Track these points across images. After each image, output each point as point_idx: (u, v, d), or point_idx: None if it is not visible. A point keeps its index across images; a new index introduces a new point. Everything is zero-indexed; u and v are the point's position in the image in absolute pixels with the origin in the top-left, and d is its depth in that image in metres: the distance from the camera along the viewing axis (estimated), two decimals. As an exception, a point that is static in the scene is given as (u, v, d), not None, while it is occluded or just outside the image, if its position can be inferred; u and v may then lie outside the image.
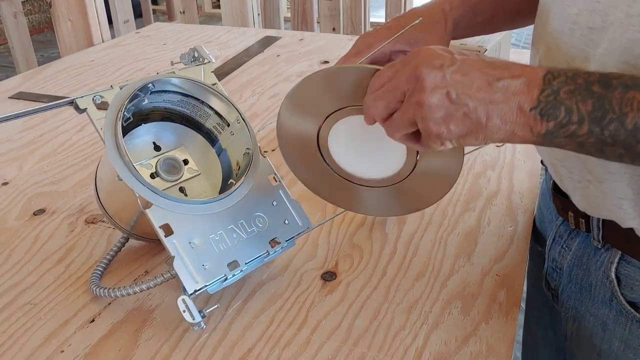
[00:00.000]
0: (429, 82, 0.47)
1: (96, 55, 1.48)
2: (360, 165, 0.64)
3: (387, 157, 0.61)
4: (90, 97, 0.61)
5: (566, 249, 0.67)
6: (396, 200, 0.66)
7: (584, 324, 0.65)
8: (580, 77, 0.45)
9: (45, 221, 0.78)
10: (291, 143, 0.66)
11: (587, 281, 0.64)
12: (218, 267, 0.60)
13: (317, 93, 0.60)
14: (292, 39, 1.59)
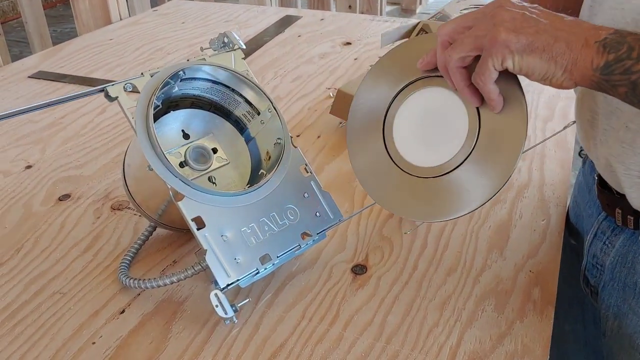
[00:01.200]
0: (507, 5, 0.51)
1: (114, 33, 1.46)
2: (417, 150, 0.61)
3: (446, 140, 0.59)
4: (121, 85, 0.60)
5: (609, 246, 0.66)
6: (442, 198, 0.60)
7: (626, 322, 0.64)
8: None
9: (71, 207, 0.78)
10: (360, 118, 0.65)
11: (631, 279, 0.62)
12: (250, 261, 0.59)
13: (402, 63, 0.62)
14: (313, 18, 1.56)
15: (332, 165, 0.87)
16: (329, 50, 1.32)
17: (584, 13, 0.61)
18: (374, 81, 0.64)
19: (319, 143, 0.93)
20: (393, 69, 0.63)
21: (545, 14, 0.50)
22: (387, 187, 0.62)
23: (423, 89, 0.60)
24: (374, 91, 0.64)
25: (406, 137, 0.61)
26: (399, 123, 0.62)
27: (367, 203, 0.78)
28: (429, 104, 0.60)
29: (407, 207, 0.61)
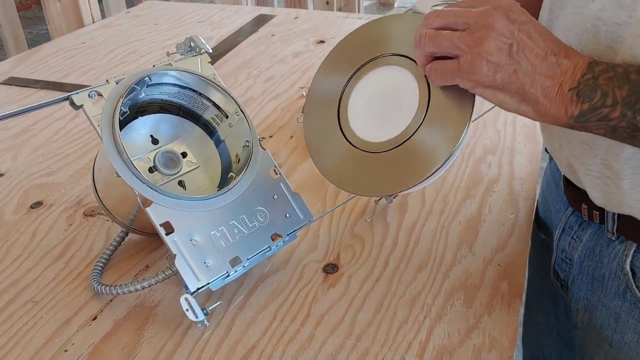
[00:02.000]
0: (499, 27, 0.49)
1: (87, 36, 1.45)
2: (372, 127, 0.62)
3: (399, 113, 0.60)
4: (86, 92, 0.60)
5: (577, 240, 0.67)
6: (404, 166, 0.60)
7: (596, 314, 0.65)
8: (620, 67, 0.47)
9: (43, 214, 0.78)
10: (316, 104, 0.66)
11: (599, 273, 0.64)
12: (220, 264, 0.59)
13: (356, 47, 0.64)
14: (287, 17, 1.56)
15: (304, 165, 0.88)
16: (303, 49, 1.32)
17: (544, 16, 0.62)
18: (330, 66, 0.66)
19: (291, 143, 0.94)
20: (348, 53, 0.65)
21: (535, 38, 0.49)
22: (347, 169, 0.63)
23: (375, 69, 0.62)
24: (329, 76, 0.66)
25: (361, 116, 0.63)
26: (354, 103, 0.63)
27: (338, 202, 0.79)
28: (380, 82, 0.62)
29: (368, 185, 0.61)
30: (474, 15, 0.50)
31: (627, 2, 0.49)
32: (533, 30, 0.49)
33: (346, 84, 0.64)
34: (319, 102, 0.66)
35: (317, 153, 0.65)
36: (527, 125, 0.97)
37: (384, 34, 0.63)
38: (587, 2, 0.53)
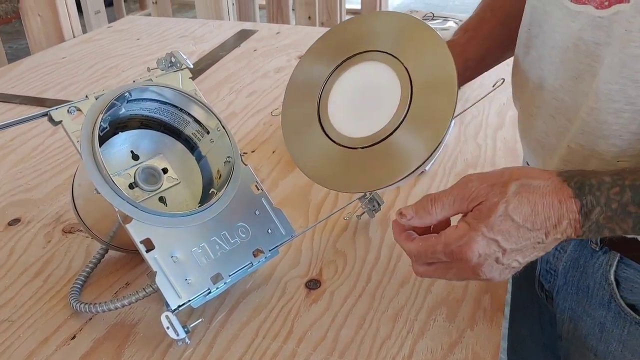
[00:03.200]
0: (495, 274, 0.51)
1: (68, 51, 1.44)
2: (352, 122, 0.62)
3: (380, 110, 0.60)
4: (65, 108, 0.59)
5: (561, 251, 0.67)
6: (382, 164, 0.60)
7: (581, 324, 0.65)
8: (614, 202, 0.46)
9: (21, 232, 0.76)
10: (295, 97, 0.66)
11: (584, 283, 0.64)
12: (201, 281, 0.59)
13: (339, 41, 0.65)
14: (269, 32, 1.57)
15: (287, 180, 0.87)
16: (285, 64, 1.33)
17: (522, 35, 0.63)
18: (313, 59, 0.67)
19: (274, 158, 0.94)
20: (333, 45, 0.65)
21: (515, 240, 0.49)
22: (324, 163, 0.62)
23: (359, 64, 0.63)
24: (313, 64, 0.66)
25: (341, 109, 0.63)
26: (335, 96, 0.64)
27: (321, 217, 0.78)
28: (362, 77, 0.62)
29: (344, 181, 0.61)
30: (448, 253, 0.50)
31: (604, 22, 0.50)
32: (513, 228, 0.48)
33: (329, 76, 0.64)
34: (300, 91, 0.66)
35: (293, 144, 0.65)
36: (508, 139, 0.98)
37: (371, 30, 0.63)
38: (567, 22, 0.54)
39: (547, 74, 0.59)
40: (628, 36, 0.48)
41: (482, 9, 0.74)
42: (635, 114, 0.50)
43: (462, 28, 0.74)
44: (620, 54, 0.49)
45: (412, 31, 0.60)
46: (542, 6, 0.59)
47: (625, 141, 0.52)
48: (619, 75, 0.50)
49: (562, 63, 0.56)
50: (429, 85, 0.57)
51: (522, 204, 0.48)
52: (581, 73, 0.54)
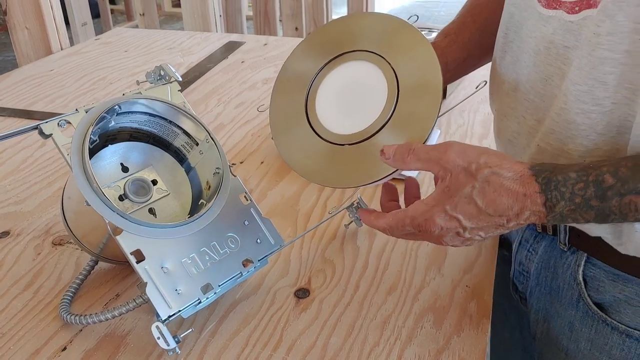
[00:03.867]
0: (457, 243, 0.55)
1: (55, 64, 1.45)
2: (339, 119, 0.63)
3: (366, 109, 0.62)
4: (55, 121, 0.60)
5: (533, 253, 0.69)
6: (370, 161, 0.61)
7: (553, 324, 0.67)
8: (578, 197, 0.48)
9: (11, 244, 0.77)
10: (284, 91, 0.67)
11: (555, 283, 0.66)
12: (191, 291, 0.59)
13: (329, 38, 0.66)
14: (256, 43, 1.58)
15: (275, 190, 0.88)
16: (272, 75, 1.34)
17: (499, 40, 0.65)
18: (301, 55, 0.67)
19: (262, 169, 0.95)
20: (325, 41, 0.66)
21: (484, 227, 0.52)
22: (312, 160, 0.64)
23: (346, 63, 0.64)
24: (303, 61, 0.67)
25: (329, 105, 0.64)
26: (322, 95, 0.65)
27: (309, 227, 0.79)
28: (350, 76, 0.64)
29: (332, 177, 0.62)
30: (415, 225, 0.54)
31: (574, 26, 0.53)
32: (475, 210, 0.51)
33: (317, 73, 0.65)
34: (288, 87, 0.67)
35: (281, 138, 0.66)
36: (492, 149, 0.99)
37: (360, 29, 0.64)
38: (539, 26, 0.56)
39: (521, 76, 0.61)
40: (597, 39, 0.50)
41: (463, 14, 0.76)
42: (602, 115, 0.53)
43: (443, 32, 0.76)
44: (589, 56, 0.51)
45: (401, 33, 0.62)
46: (518, 12, 0.61)
47: (592, 141, 0.54)
48: (587, 76, 0.52)
49: (534, 66, 0.58)
50: (415, 87, 0.59)
51: (487, 190, 0.50)
52: (550, 75, 0.56)
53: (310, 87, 0.65)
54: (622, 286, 0.60)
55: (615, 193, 0.47)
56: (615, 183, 0.47)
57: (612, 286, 0.61)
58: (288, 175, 0.92)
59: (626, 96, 0.51)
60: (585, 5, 0.52)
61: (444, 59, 0.72)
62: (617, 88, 0.51)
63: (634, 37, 0.48)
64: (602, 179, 0.47)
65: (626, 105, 0.51)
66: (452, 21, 0.77)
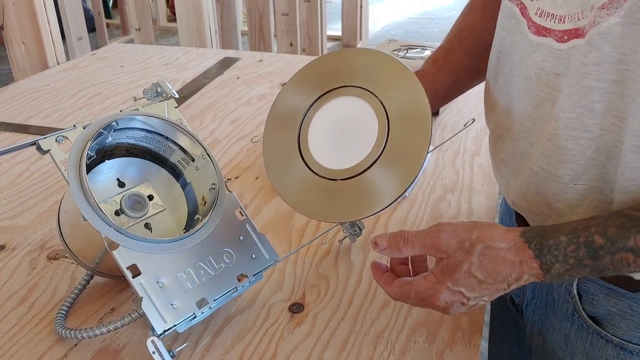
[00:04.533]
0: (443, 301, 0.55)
1: (52, 78, 1.46)
2: (330, 153, 0.64)
3: (357, 144, 0.63)
4: (53, 137, 0.61)
5: None
6: (363, 196, 0.62)
7: (548, 337, 0.68)
8: (572, 258, 0.50)
9: (6, 258, 0.77)
10: (277, 124, 0.68)
11: (550, 297, 0.67)
12: (187, 306, 0.60)
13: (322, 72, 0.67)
14: (252, 60, 1.59)
15: (269, 205, 0.89)
16: (267, 91, 1.35)
17: (491, 63, 0.66)
18: (293, 90, 0.69)
19: (257, 184, 0.95)
20: (315, 77, 0.68)
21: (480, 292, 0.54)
22: (305, 194, 0.65)
23: (337, 98, 0.65)
24: (294, 96, 0.68)
25: (321, 140, 0.65)
26: (314, 130, 0.66)
27: (304, 242, 0.80)
28: (341, 111, 0.65)
29: (325, 211, 0.64)
30: (419, 300, 0.56)
31: (563, 55, 0.54)
32: (476, 283, 0.53)
33: (309, 108, 0.67)
34: (281, 121, 0.68)
35: (274, 172, 0.67)
36: (484, 165, 1.01)
37: (349, 65, 0.66)
38: (530, 52, 0.58)
39: (513, 100, 0.62)
40: (584, 69, 0.52)
41: (450, 39, 0.78)
42: (590, 140, 0.54)
43: (431, 57, 0.77)
44: (577, 85, 0.53)
45: (388, 68, 0.64)
46: (509, 37, 0.63)
47: (581, 166, 0.56)
48: (576, 104, 0.53)
49: (526, 90, 0.60)
50: (405, 121, 0.60)
51: (484, 263, 0.52)
52: (542, 100, 0.58)
53: (302, 123, 0.67)
54: (616, 300, 0.61)
55: (606, 252, 0.49)
56: (605, 243, 0.49)
57: (606, 300, 0.62)
58: (283, 190, 0.93)
59: (614, 123, 0.52)
60: (573, 35, 0.53)
61: (433, 85, 0.74)
62: (604, 115, 0.52)
63: (619, 68, 0.50)
64: (592, 240, 0.49)
65: (614, 132, 0.53)
66: (439, 46, 0.79)
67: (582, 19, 0.52)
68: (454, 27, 0.79)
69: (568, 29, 0.54)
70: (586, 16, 0.51)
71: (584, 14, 0.52)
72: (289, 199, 0.66)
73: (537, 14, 0.57)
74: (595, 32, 0.50)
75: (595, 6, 0.50)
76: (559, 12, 0.54)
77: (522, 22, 0.59)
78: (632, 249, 0.48)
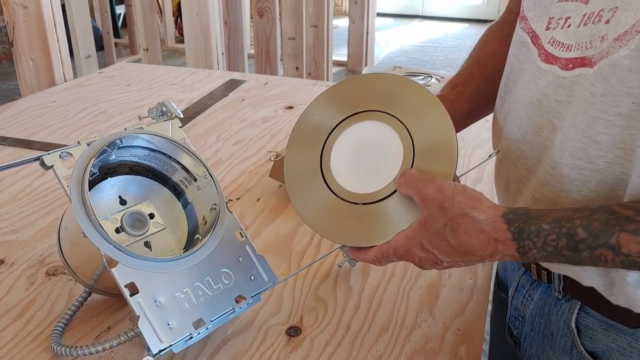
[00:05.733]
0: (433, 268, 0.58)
1: (58, 95, 1.47)
2: (352, 177, 0.64)
3: (380, 171, 0.62)
4: (57, 153, 0.61)
5: (528, 299, 0.70)
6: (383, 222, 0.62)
7: None
8: (550, 246, 0.50)
9: (5, 273, 0.77)
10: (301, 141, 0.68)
11: (548, 330, 0.66)
12: (183, 326, 0.60)
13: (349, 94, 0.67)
14: (257, 82, 1.61)
15: (270, 227, 0.89)
16: (272, 114, 1.36)
17: (501, 89, 0.67)
18: (320, 108, 0.68)
19: (258, 206, 0.96)
20: (337, 101, 0.67)
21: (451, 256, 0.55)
22: (325, 215, 0.64)
23: (366, 121, 0.65)
24: (321, 114, 0.67)
25: (344, 165, 0.65)
26: (337, 151, 0.65)
27: (303, 265, 0.80)
28: (367, 135, 0.64)
29: (343, 233, 0.63)
30: (398, 256, 0.58)
31: (567, 82, 0.54)
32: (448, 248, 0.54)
33: (332, 130, 0.66)
34: (305, 137, 0.67)
35: (295, 191, 0.66)
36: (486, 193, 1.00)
37: (384, 90, 0.65)
38: (536, 79, 0.58)
39: (513, 126, 0.63)
40: (592, 99, 0.52)
41: (469, 65, 0.78)
42: (594, 172, 0.54)
43: (450, 83, 0.77)
44: (583, 114, 0.53)
45: (417, 97, 0.63)
46: (518, 64, 0.63)
47: (584, 196, 0.55)
48: (582, 134, 0.53)
49: (526, 116, 0.60)
50: (431, 152, 0.60)
51: (458, 231, 0.52)
52: (541, 127, 0.58)
53: (326, 143, 0.66)
54: (615, 335, 0.61)
55: (586, 246, 0.48)
56: (587, 237, 0.48)
57: (605, 335, 0.61)
58: (283, 213, 0.93)
59: (619, 156, 0.52)
60: (579, 63, 0.53)
61: (452, 111, 0.73)
62: (610, 148, 0.52)
63: (626, 101, 0.50)
64: (574, 232, 0.49)
65: (619, 165, 0.52)
66: (458, 72, 0.79)
67: (590, 49, 0.52)
68: (473, 54, 0.79)
69: (574, 57, 0.54)
70: (595, 46, 0.52)
71: (593, 44, 0.52)
72: (309, 219, 0.65)
73: (549, 42, 0.57)
74: (606, 62, 0.50)
75: (608, 37, 0.50)
76: (568, 41, 0.55)
77: (532, 50, 0.60)
78: (613, 246, 0.47)
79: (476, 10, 6.73)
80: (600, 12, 0.52)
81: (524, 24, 0.62)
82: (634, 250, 0.46)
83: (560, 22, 0.56)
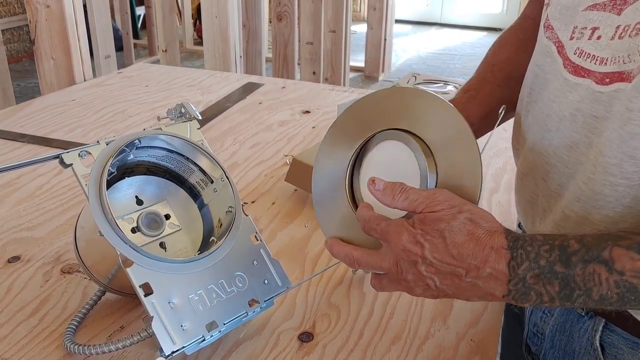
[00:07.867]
0: (410, 278, 0.54)
1: (77, 94, 1.48)
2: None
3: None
4: (77, 152, 0.61)
5: (548, 315, 0.68)
6: None
7: None
8: (543, 258, 0.48)
9: (20, 269, 0.77)
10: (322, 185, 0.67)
11: (570, 347, 0.65)
12: (196, 328, 0.60)
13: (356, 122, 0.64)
14: (274, 86, 1.61)
15: (285, 231, 0.89)
16: (289, 118, 1.36)
17: (523, 98, 0.66)
18: (332, 144, 0.66)
19: (273, 209, 0.95)
20: (348, 128, 0.65)
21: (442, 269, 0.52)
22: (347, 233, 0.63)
23: (392, 141, 0.62)
24: (332, 154, 0.66)
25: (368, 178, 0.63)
26: (366, 169, 0.64)
27: (317, 270, 0.80)
28: (394, 156, 0.62)
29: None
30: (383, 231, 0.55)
31: (604, 97, 0.53)
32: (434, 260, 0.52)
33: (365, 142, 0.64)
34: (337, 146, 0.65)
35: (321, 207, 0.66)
36: (502, 203, 1.00)
37: (417, 112, 0.61)
38: (565, 92, 0.57)
39: (543, 139, 0.61)
40: (629, 114, 0.50)
41: (483, 70, 0.77)
42: (629, 188, 0.52)
43: (463, 88, 0.76)
44: (620, 130, 0.51)
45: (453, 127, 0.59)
46: (543, 74, 0.62)
47: (617, 213, 0.54)
48: (617, 150, 0.52)
49: (558, 131, 0.58)
50: (455, 175, 0.57)
51: (460, 231, 0.51)
52: (576, 143, 0.57)
53: (356, 159, 0.65)
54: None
55: (579, 259, 0.47)
56: (580, 249, 0.47)
57: (631, 354, 0.60)
58: (298, 217, 0.92)
59: None
60: (617, 78, 0.52)
61: (464, 113, 0.72)
62: None
63: None
64: (567, 244, 0.48)
65: None
66: (472, 77, 0.78)
67: (629, 63, 0.51)
68: (486, 59, 0.78)
69: (611, 72, 0.52)
70: (633, 60, 0.50)
71: (631, 58, 0.51)
72: (326, 227, 0.65)
73: (575, 53, 0.56)
74: None
75: None
76: (602, 54, 0.53)
77: (557, 60, 0.59)
78: (606, 261, 0.46)
79: (495, 18, 6.70)
80: (637, 25, 0.50)
81: (549, 33, 0.61)
82: (627, 267, 0.46)
83: (586, 32, 0.55)
